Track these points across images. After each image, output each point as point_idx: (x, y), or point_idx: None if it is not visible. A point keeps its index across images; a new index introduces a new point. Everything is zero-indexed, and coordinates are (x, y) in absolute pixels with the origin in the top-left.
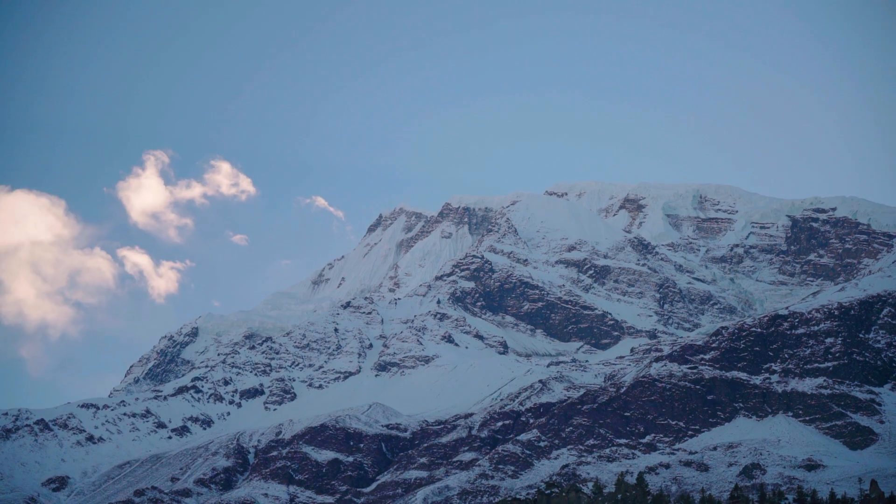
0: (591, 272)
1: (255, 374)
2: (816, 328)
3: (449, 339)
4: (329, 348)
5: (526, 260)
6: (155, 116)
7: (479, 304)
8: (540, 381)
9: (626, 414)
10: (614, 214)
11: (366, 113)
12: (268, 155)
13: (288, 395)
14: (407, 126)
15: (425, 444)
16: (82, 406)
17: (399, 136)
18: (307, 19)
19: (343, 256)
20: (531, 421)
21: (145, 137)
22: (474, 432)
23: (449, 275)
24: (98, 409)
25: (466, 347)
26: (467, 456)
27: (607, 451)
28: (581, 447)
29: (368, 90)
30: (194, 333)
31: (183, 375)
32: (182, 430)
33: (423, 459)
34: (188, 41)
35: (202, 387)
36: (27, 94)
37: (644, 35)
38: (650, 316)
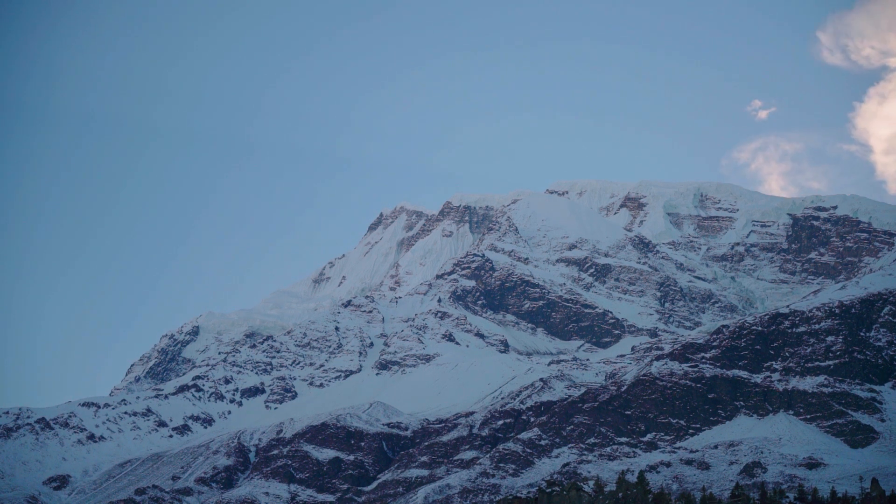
0: (591, 270)
1: (256, 373)
2: (817, 326)
3: (450, 337)
4: (330, 347)
5: (527, 258)
6: (184, 111)
7: (479, 302)
8: (541, 379)
9: (627, 412)
10: (615, 213)
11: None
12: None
13: (289, 394)
14: (413, 122)
15: (426, 443)
16: (83, 405)
17: (404, 133)
18: (321, 29)
19: (344, 255)
20: (532, 419)
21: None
22: (475, 431)
23: (450, 273)
24: (99, 407)
25: (467, 346)
26: (468, 454)
27: (608, 449)
28: (582, 445)
29: (372, 88)
30: (195, 332)
31: (184, 374)
32: (183, 429)
33: (424, 458)
34: (215, 38)
35: (203, 385)
36: (43, 88)
37: (646, 35)
38: (651, 314)
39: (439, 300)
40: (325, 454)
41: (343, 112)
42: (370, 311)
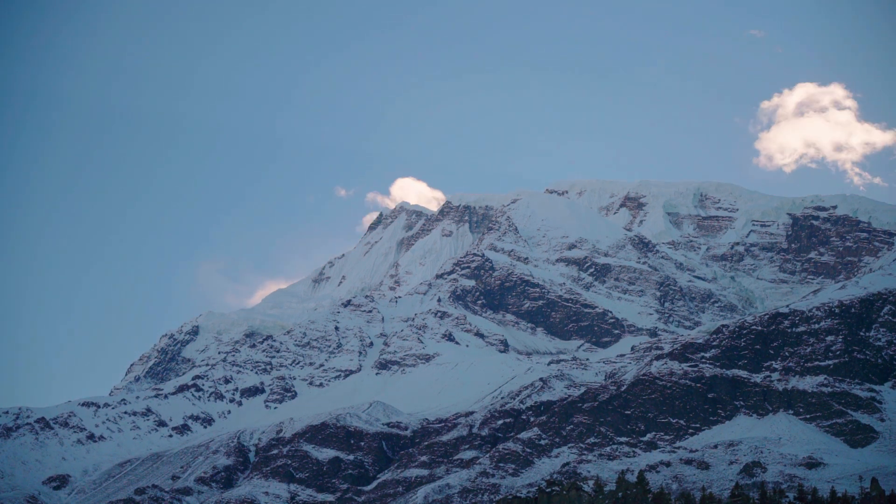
0: (591, 270)
1: (256, 373)
2: (817, 326)
3: (449, 337)
4: (330, 346)
5: (526, 258)
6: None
7: (479, 302)
8: (540, 379)
9: (627, 412)
10: (615, 212)
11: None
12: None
13: (288, 394)
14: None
15: (426, 443)
16: (83, 404)
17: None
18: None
19: (344, 255)
20: (532, 419)
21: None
22: (475, 430)
23: (449, 273)
24: (99, 407)
25: (467, 346)
26: (468, 454)
27: (608, 449)
28: (582, 445)
29: (372, 83)
30: (195, 332)
31: (184, 374)
32: (183, 429)
33: (424, 458)
34: (245, 33)
35: (203, 385)
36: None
37: (646, 32)
38: (651, 314)
39: (439, 300)
40: (325, 454)
41: (360, 112)
42: (370, 311)
